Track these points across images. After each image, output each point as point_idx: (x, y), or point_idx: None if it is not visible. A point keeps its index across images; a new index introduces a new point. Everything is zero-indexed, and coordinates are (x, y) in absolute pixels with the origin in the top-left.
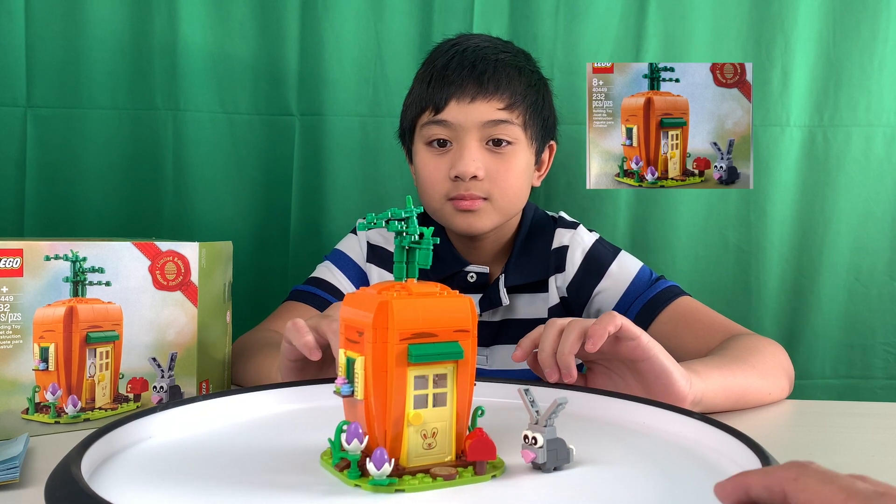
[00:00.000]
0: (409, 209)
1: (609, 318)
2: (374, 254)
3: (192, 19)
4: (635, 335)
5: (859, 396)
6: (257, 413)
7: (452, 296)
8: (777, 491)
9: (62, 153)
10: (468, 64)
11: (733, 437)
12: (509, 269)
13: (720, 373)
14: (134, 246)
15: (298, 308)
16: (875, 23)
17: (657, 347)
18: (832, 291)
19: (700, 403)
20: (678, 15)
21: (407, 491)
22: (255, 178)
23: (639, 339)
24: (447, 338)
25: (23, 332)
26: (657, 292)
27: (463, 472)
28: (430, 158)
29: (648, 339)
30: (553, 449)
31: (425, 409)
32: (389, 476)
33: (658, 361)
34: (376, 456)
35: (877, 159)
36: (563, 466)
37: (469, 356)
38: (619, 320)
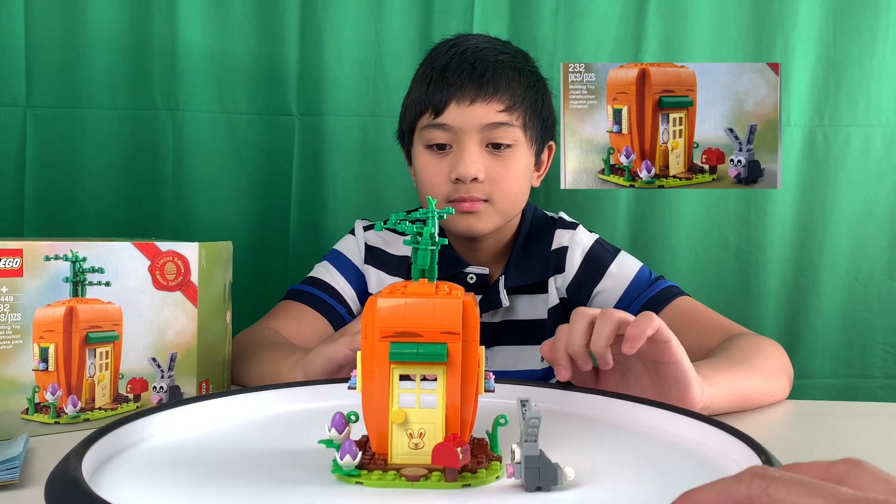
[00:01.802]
0: (431, 209)
1: (647, 320)
2: (371, 255)
3: (191, 19)
4: (668, 338)
5: (858, 396)
6: (257, 413)
7: (447, 297)
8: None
9: (62, 153)
10: (467, 66)
11: (734, 438)
12: (509, 271)
13: (727, 377)
14: (134, 246)
15: (296, 308)
16: (875, 23)
17: (683, 353)
18: (832, 291)
19: (708, 409)
20: (678, 15)
21: (365, 485)
22: (255, 177)
23: (669, 343)
24: (433, 338)
25: (22, 333)
26: (656, 292)
27: (433, 477)
28: (430, 161)
29: (678, 344)
30: (533, 468)
31: (412, 408)
32: (357, 468)
33: (681, 367)
34: (345, 447)
35: (877, 159)
36: (551, 488)
37: (459, 358)
38: (656, 322)
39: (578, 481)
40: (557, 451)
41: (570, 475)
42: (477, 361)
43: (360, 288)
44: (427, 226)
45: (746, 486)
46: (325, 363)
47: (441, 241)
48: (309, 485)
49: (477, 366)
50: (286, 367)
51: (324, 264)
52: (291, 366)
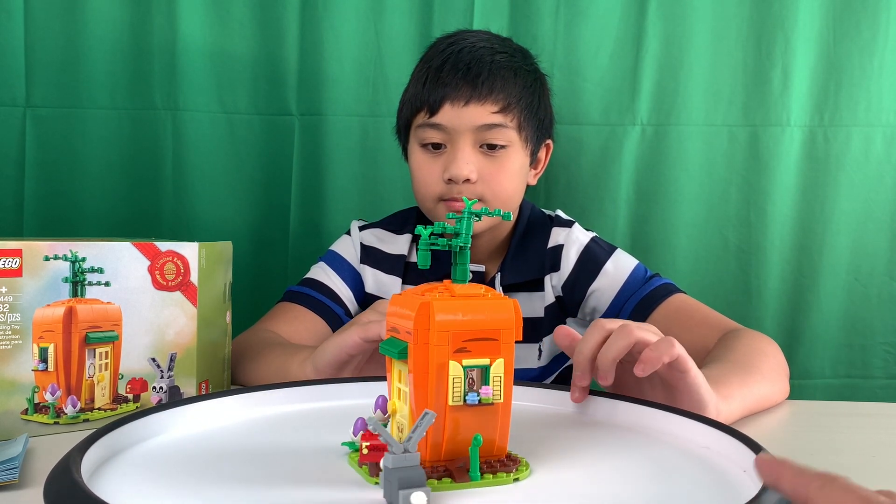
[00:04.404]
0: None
1: (667, 346)
2: (367, 255)
3: (191, 18)
4: (687, 368)
5: (859, 396)
6: (257, 413)
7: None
8: (801, 493)
9: (61, 153)
10: (463, 66)
11: (734, 438)
12: (505, 268)
13: (739, 389)
14: (133, 246)
15: (293, 309)
16: (875, 23)
17: (701, 381)
18: (832, 291)
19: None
20: (678, 15)
21: None
22: (255, 177)
23: (688, 374)
24: (404, 337)
25: (22, 333)
26: (651, 290)
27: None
28: (424, 160)
29: (696, 373)
30: (391, 479)
31: (400, 402)
32: None
33: (697, 396)
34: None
35: (877, 159)
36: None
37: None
38: (676, 350)
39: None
40: (554, 452)
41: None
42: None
43: (357, 288)
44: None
45: (815, 478)
46: (335, 353)
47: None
48: (309, 485)
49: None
50: (295, 363)
51: (320, 265)
52: (301, 362)
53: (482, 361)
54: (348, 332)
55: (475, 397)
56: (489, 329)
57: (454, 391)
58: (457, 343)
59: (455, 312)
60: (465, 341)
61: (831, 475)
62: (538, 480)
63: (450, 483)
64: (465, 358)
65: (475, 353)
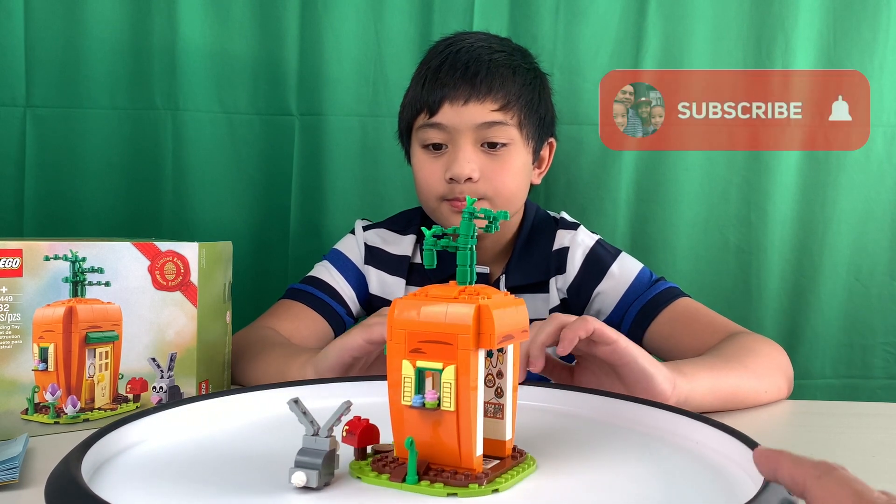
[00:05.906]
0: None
1: (581, 323)
2: (371, 255)
3: (191, 19)
4: (611, 339)
5: (859, 396)
6: (257, 413)
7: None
8: (799, 482)
9: (61, 153)
10: (461, 66)
11: (733, 438)
12: (510, 270)
13: (709, 374)
14: (133, 246)
15: (294, 307)
16: (875, 23)
17: (636, 350)
18: (832, 291)
19: (686, 404)
20: (678, 15)
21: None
22: (255, 178)
23: (615, 344)
24: None
25: (22, 333)
26: (656, 293)
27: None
28: (426, 161)
29: (626, 343)
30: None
31: None
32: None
33: (637, 365)
34: None
35: (877, 159)
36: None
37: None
38: (591, 325)
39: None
40: (554, 448)
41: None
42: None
43: (361, 288)
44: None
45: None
46: (339, 355)
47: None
48: None
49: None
50: (295, 367)
51: (324, 264)
52: (301, 365)
53: (435, 365)
54: (351, 335)
55: (420, 399)
56: (442, 332)
57: (405, 390)
58: (412, 343)
59: (411, 311)
60: (421, 342)
61: (829, 465)
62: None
63: (376, 477)
64: (419, 359)
65: (430, 356)
